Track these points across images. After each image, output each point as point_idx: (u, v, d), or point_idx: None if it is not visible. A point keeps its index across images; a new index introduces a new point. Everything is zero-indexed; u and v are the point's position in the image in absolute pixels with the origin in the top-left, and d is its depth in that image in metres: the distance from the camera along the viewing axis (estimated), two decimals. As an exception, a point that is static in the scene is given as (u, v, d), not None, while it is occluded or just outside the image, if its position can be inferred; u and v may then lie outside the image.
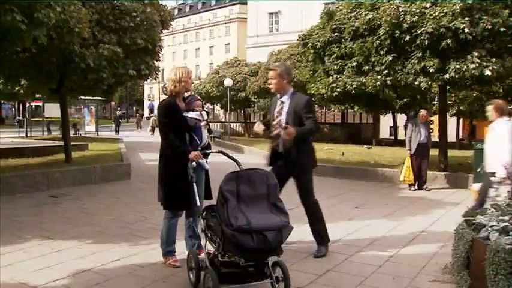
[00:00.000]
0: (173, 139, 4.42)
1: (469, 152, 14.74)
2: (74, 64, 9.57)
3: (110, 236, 5.77)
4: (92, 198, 8.38)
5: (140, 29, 10.77)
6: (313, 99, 22.79)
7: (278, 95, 5.02)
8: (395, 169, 11.33)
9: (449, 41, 9.22)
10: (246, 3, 52.70)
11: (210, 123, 5.73)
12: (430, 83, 10.08)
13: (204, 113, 4.72)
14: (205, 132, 4.71)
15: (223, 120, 44.71)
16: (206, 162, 4.68)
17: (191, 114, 4.61)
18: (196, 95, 5.89)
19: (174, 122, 4.46)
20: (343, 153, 15.39)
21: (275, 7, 45.21)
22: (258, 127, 5.12)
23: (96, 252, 5.07)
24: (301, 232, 5.84)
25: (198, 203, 4.10)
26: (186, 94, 4.86)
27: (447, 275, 4.42)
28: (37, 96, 22.54)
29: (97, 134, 29.25)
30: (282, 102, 4.94)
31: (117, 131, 33.13)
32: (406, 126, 13.23)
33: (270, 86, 5.03)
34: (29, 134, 25.50)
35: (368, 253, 5.23)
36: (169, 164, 4.50)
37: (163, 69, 58.07)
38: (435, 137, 12.27)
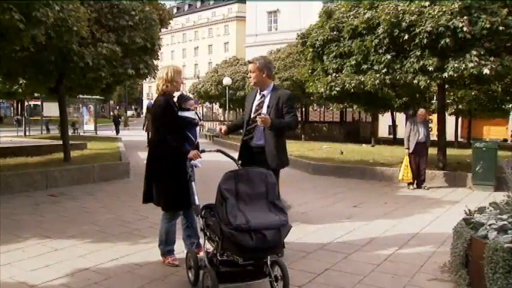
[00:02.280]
0: (170, 139, 4.37)
1: (467, 150, 14.77)
2: (73, 63, 9.56)
3: (109, 235, 5.77)
4: (90, 197, 8.37)
5: (139, 28, 10.75)
6: (311, 97, 22.89)
7: (258, 89, 4.91)
8: (394, 168, 11.34)
9: (448, 40, 9.22)
10: (245, 2, 52.62)
11: (209, 122, 5.75)
12: (428, 81, 10.08)
13: (198, 112, 4.73)
14: (198, 131, 4.72)
15: (222, 119, 44.70)
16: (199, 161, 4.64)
17: (187, 114, 4.60)
18: (189, 94, 5.89)
19: (171, 121, 4.44)
20: (342, 152, 15.39)
21: (274, 6, 45.13)
22: (222, 128, 4.99)
23: (95, 251, 5.07)
24: (300, 231, 5.85)
25: (197, 202, 4.09)
26: (177, 93, 4.84)
27: (446, 273, 4.43)
28: (36, 95, 22.53)
29: (96, 133, 29.20)
30: (263, 96, 4.84)
31: (117, 131, 32.57)
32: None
33: (250, 80, 4.95)
34: (27, 133, 25.47)
35: (367, 252, 5.23)
36: (166, 164, 4.45)
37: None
38: (434, 136, 12.28)
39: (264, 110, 4.74)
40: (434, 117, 19.15)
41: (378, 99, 18.24)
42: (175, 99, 4.70)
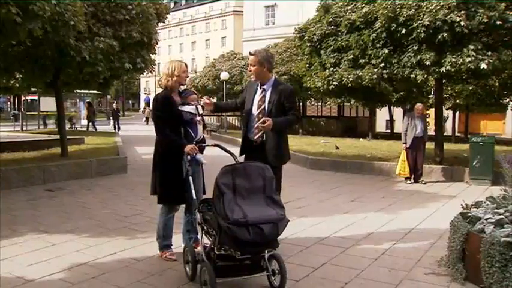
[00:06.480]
0: (168, 133, 4.39)
1: (464, 145, 14.80)
2: (70, 57, 9.50)
3: (106, 229, 5.77)
4: (88, 192, 8.37)
5: (136, 22, 10.70)
6: (309, 92, 22.86)
7: (258, 83, 4.77)
8: (392, 162, 11.36)
9: (445, 34, 9.22)
10: (243, -4, 52.48)
11: (206, 117, 5.70)
12: (426, 76, 10.09)
13: (200, 107, 4.68)
14: (200, 127, 4.68)
15: (219, 113, 44.60)
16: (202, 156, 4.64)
17: (187, 108, 4.58)
18: (192, 89, 5.85)
19: (169, 115, 4.44)
20: (337, 147, 15.40)
21: (271, 0, 45.05)
22: (209, 101, 4.79)
23: (92, 245, 5.06)
24: (297, 225, 5.86)
25: (194, 197, 4.08)
26: (182, 87, 4.83)
27: (443, 267, 4.45)
28: (32, 89, 22.41)
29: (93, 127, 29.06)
30: (264, 90, 4.70)
31: (117, 127, 30.86)
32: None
33: (250, 72, 4.82)
34: (24, 128, 25.39)
35: (364, 246, 5.24)
36: (164, 158, 4.48)
37: (159, 63, 57.67)
38: (431, 131, 12.30)
39: (266, 105, 4.65)
40: (431, 111, 19.17)
41: (375, 93, 18.27)
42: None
